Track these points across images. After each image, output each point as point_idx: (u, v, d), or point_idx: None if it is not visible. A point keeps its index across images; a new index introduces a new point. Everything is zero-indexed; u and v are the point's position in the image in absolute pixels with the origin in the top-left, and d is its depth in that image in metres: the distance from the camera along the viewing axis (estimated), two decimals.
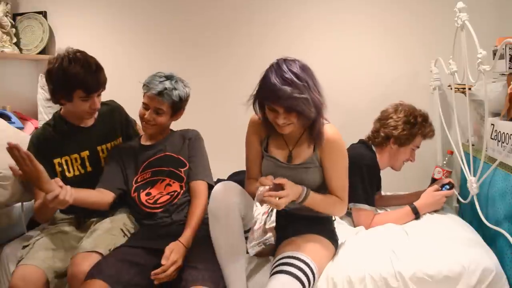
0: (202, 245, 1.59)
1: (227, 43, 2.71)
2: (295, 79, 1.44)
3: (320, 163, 1.62)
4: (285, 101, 1.44)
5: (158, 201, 1.78)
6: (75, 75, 1.70)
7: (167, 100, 1.78)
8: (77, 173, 1.85)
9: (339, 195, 1.62)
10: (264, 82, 1.49)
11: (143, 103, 1.82)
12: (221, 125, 2.69)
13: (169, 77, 1.81)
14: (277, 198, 1.42)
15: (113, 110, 2.00)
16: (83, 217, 1.86)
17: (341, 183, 1.62)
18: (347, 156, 1.63)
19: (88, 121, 1.90)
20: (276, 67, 1.48)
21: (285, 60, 1.50)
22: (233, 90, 2.62)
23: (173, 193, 1.79)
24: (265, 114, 1.57)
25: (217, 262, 1.52)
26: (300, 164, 1.62)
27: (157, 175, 1.82)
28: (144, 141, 1.92)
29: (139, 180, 1.83)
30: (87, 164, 1.87)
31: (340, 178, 1.62)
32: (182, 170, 1.82)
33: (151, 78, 1.81)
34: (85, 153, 1.86)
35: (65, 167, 1.83)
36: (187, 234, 1.62)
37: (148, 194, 1.80)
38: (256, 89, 1.56)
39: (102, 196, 1.75)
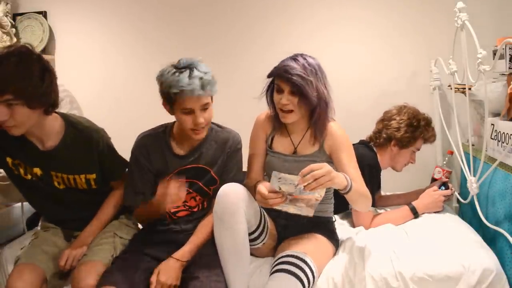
0: (205, 252, 1.58)
1: (228, 46, 2.70)
2: (306, 64, 1.57)
3: (328, 158, 1.64)
4: (292, 77, 1.54)
5: (178, 214, 1.72)
6: None
7: (210, 90, 1.55)
8: (34, 178, 1.65)
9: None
10: (278, 64, 1.61)
11: (183, 109, 1.54)
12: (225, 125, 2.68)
13: (189, 66, 1.54)
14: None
15: (84, 141, 1.63)
16: (71, 229, 1.75)
17: (358, 173, 1.59)
18: (352, 148, 1.65)
19: (46, 143, 1.60)
20: (292, 56, 1.62)
21: (301, 54, 1.62)
22: (235, 92, 2.63)
23: (195, 207, 1.72)
24: (275, 107, 1.66)
25: (221, 269, 1.50)
26: (306, 155, 1.65)
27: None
28: (176, 148, 1.69)
29: None
30: (40, 179, 1.65)
31: (356, 168, 1.59)
32: (211, 188, 1.70)
33: (174, 78, 1.51)
34: (37, 170, 1.63)
35: (21, 170, 1.64)
36: (185, 249, 1.57)
37: None
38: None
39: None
